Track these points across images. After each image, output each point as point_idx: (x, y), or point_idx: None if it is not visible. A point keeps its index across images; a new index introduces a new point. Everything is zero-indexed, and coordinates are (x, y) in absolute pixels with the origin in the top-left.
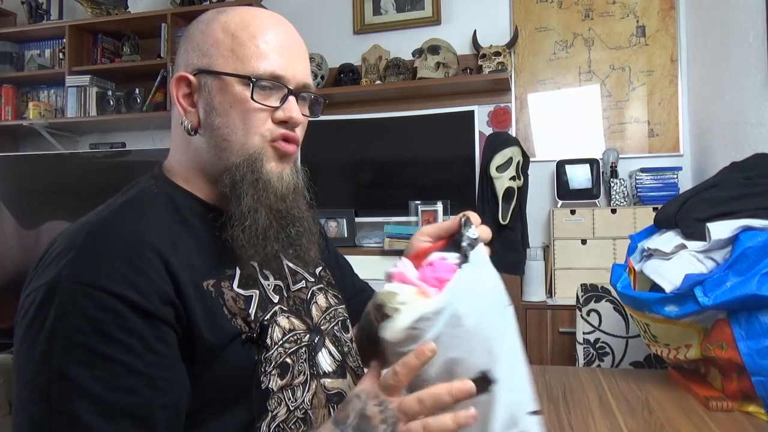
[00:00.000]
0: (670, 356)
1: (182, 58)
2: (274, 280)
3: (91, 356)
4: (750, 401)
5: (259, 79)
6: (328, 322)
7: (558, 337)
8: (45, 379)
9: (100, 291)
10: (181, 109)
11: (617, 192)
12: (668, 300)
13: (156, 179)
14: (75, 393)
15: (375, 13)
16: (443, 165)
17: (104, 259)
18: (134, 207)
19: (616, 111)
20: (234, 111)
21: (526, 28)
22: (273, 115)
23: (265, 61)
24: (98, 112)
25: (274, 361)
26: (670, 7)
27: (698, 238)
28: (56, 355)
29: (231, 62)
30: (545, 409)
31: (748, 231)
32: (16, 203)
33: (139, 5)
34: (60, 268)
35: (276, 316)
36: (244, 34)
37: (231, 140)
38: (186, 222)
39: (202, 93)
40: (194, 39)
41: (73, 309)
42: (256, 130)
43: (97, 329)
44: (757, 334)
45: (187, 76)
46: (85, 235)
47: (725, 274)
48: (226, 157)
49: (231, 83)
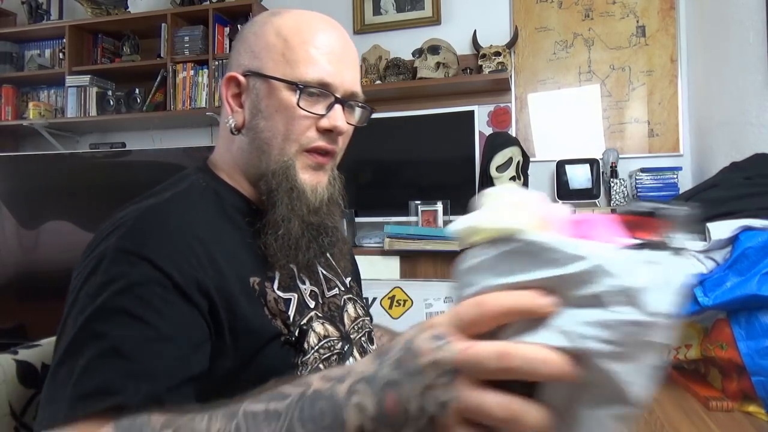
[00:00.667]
0: (670, 356)
1: (234, 58)
2: (310, 285)
3: (127, 318)
4: (750, 401)
5: (307, 86)
6: (357, 332)
7: None
8: (81, 338)
9: (146, 261)
10: (229, 108)
11: (617, 192)
12: None
13: (203, 173)
14: (106, 350)
15: (375, 13)
16: (443, 165)
17: (152, 237)
18: (184, 199)
19: (616, 111)
20: (279, 116)
21: (526, 28)
22: (318, 123)
23: (314, 67)
24: (98, 112)
25: (310, 366)
26: (670, 7)
27: (698, 238)
28: (96, 317)
29: (280, 66)
30: None
31: (748, 231)
32: (16, 203)
33: (139, 5)
34: (109, 241)
35: (312, 322)
36: (296, 38)
37: (271, 144)
38: (231, 219)
39: (250, 94)
40: (247, 40)
41: (118, 274)
42: (297, 137)
43: (137, 294)
44: (757, 334)
45: (237, 76)
46: (137, 217)
47: (725, 274)
48: (265, 161)
49: (279, 87)
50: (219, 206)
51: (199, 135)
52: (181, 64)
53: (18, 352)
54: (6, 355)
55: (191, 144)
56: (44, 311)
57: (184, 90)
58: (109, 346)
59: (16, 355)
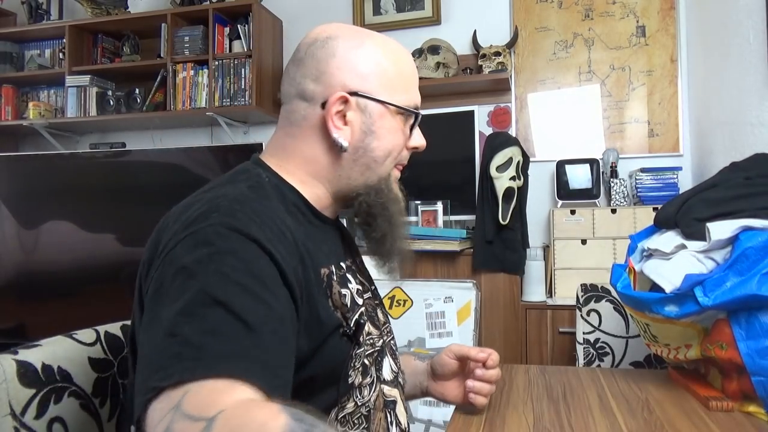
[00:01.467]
0: (670, 356)
1: (334, 75)
2: (356, 284)
3: (243, 292)
4: (750, 401)
5: (415, 112)
6: (386, 335)
7: (558, 337)
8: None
9: (254, 241)
10: (334, 126)
11: (617, 192)
12: (668, 300)
13: (264, 169)
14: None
15: (375, 13)
16: (443, 165)
17: (253, 220)
18: (261, 190)
19: (616, 111)
20: (390, 136)
21: (526, 28)
22: (408, 143)
23: (411, 94)
24: (98, 112)
25: (361, 358)
26: (670, 7)
27: (698, 238)
28: (213, 286)
29: (389, 92)
30: (545, 409)
31: (748, 231)
32: (16, 203)
33: (139, 5)
34: (207, 223)
35: (363, 316)
36: (397, 66)
37: (378, 161)
38: (297, 214)
39: (362, 115)
40: (349, 60)
41: (230, 249)
42: (396, 156)
43: (252, 272)
44: (757, 334)
45: (346, 95)
46: (231, 200)
47: (725, 274)
48: (369, 175)
49: (391, 111)
50: (283, 200)
51: (199, 135)
52: (181, 64)
53: (18, 352)
54: (6, 355)
55: (191, 144)
56: (44, 311)
57: (184, 90)
58: (235, 315)
59: (16, 355)
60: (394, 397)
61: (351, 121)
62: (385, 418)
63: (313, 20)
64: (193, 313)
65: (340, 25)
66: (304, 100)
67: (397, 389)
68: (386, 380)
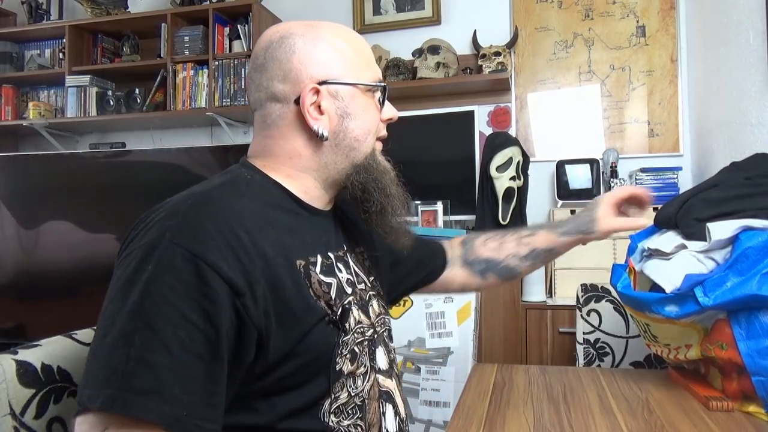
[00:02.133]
0: (670, 356)
1: (300, 70)
2: (346, 274)
3: (177, 316)
4: (750, 401)
5: (382, 86)
6: (381, 326)
7: (558, 337)
8: (131, 327)
9: (198, 258)
10: (311, 118)
11: None
12: (668, 300)
13: (247, 168)
14: (156, 345)
15: (375, 13)
16: (443, 165)
17: (204, 230)
18: (231, 188)
19: (616, 111)
20: (366, 114)
21: (526, 28)
22: (381, 115)
23: (372, 70)
24: (98, 112)
25: (349, 345)
26: (670, 7)
27: (698, 238)
28: (147, 308)
29: (353, 73)
30: (545, 409)
31: (748, 231)
32: (16, 203)
33: (139, 5)
34: (163, 230)
35: (351, 305)
36: (353, 48)
37: (361, 140)
38: (277, 208)
39: (335, 101)
40: (310, 53)
41: (170, 269)
42: (375, 130)
43: (188, 293)
44: (757, 334)
45: (316, 86)
46: (190, 205)
47: (725, 274)
48: (354, 156)
49: (360, 90)
50: (264, 196)
51: (199, 135)
52: (181, 64)
53: (18, 352)
54: (6, 355)
55: (191, 144)
56: (44, 311)
57: (184, 90)
58: (163, 345)
59: (16, 355)
60: (388, 387)
61: (326, 109)
62: (379, 408)
63: (313, 20)
64: (127, 337)
65: (288, 24)
66: (277, 102)
67: (392, 380)
68: (381, 369)
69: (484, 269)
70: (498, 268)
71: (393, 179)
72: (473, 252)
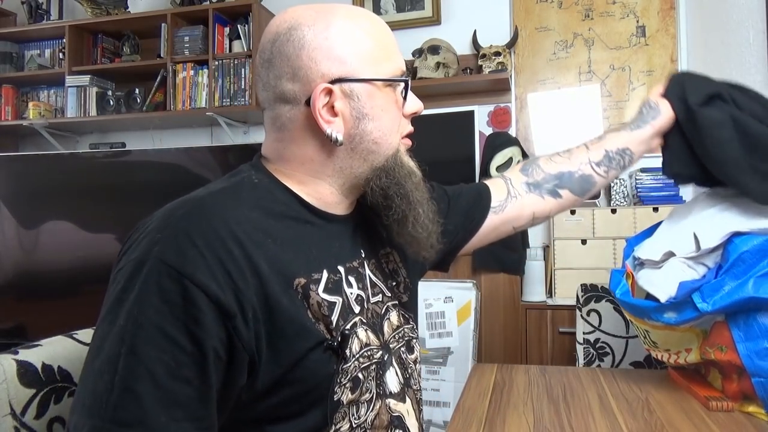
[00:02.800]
0: (671, 360)
1: (309, 67)
2: (357, 289)
3: (162, 340)
4: (750, 401)
5: (404, 80)
6: (397, 341)
7: (558, 337)
8: (116, 352)
9: (185, 278)
10: (324, 121)
11: (617, 192)
12: (667, 307)
13: (257, 171)
14: (140, 372)
15: (375, 12)
16: (443, 165)
17: (194, 246)
18: (231, 196)
19: (616, 111)
20: (385, 114)
21: (526, 28)
22: (404, 109)
23: (395, 60)
24: (98, 112)
25: (350, 373)
26: (670, 7)
27: None
28: (131, 331)
29: (371, 67)
30: (545, 409)
31: (739, 236)
32: (16, 203)
33: (139, 5)
34: (152, 243)
35: (356, 327)
36: (372, 37)
37: (381, 143)
38: (282, 218)
39: (350, 101)
40: (321, 47)
41: (157, 289)
42: (398, 129)
43: (174, 315)
44: (756, 335)
45: (329, 86)
46: (181, 216)
47: (722, 279)
48: (373, 159)
49: (378, 87)
50: (268, 203)
51: (199, 135)
52: (181, 64)
53: (18, 352)
54: (6, 355)
55: (191, 144)
56: (44, 311)
57: (184, 90)
58: (149, 372)
59: (16, 355)
60: (400, 411)
61: (340, 110)
62: None
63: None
64: (111, 361)
65: (297, 9)
66: (286, 103)
67: (405, 402)
68: (392, 393)
69: (557, 185)
70: (573, 180)
71: (417, 183)
72: (540, 171)
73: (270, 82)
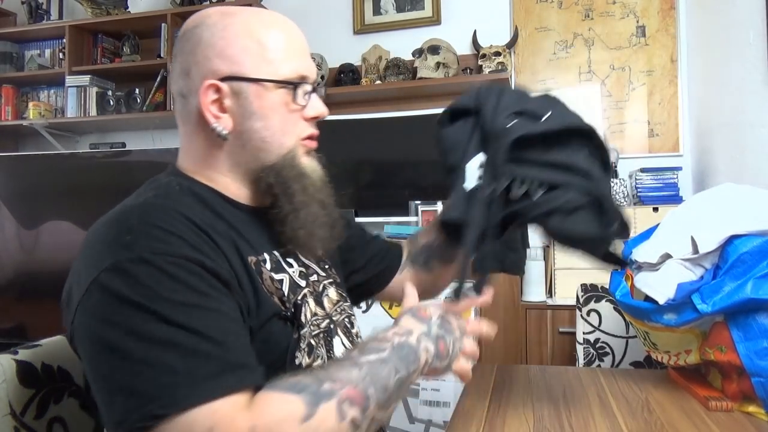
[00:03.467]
0: (671, 362)
1: (201, 64)
2: (298, 267)
3: (198, 310)
4: (750, 401)
5: (297, 82)
6: (339, 314)
7: (558, 337)
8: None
9: (183, 259)
10: (212, 116)
11: (617, 192)
12: (667, 309)
13: (176, 176)
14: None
15: (375, 13)
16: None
17: (171, 234)
18: (166, 197)
19: (616, 111)
20: (274, 114)
21: (526, 28)
22: (303, 113)
23: (293, 63)
24: (98, 112)
25: (306, 338)
26: (670, 7)
27: None
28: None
29: (264, 68)
30: (545, 409)
31: (738, 237)
32: (16, 203)
33: (139, 5)
34: (128, 249)
35: (306, 298)
36: (268, 38)
37: (270, 142)
38: (215, 212)
39: (238, 99)
40: (214, 45)
41: (168, 277)
42: (292, 130)
43: (192, 287)
44: (755, 335)
45: (216, 83)
46: (138, 217)
47: (722, 280)
48: (264, 157)
49: (269, 88)
50: (200, 202)
51: None
52: None
53: (18, 352)
54: (6, 355)
55: None
56: (44, 311)
57: None
58: (199, 334)
59: (16, 355)
60: None
61: (229, 107)
62: None
63: (313, 20)
64: (162, 341)
65: (209, 10)
66: (184, 98)
67: None
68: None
69: (427, 258)
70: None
71: (307, 185)
72: (417, 243)
73: (173, 77)
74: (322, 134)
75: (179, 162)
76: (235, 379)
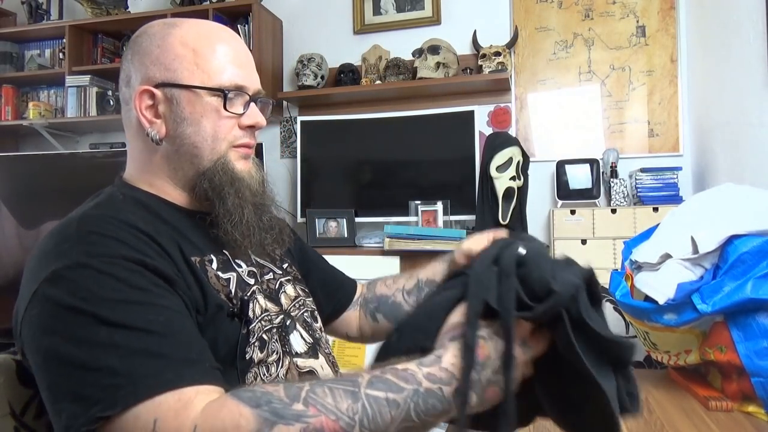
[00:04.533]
0: (671, 362)
1: (138, 71)
2: (247, 267)
3: (140, 306)
4: (750, 401)
5: (229, 90)
6: (298, 309)
7: None
8: (104, 331)
9: (121, 259)
10: (146, 121)
11: (617, 192)
12: (667, 308)
13: (119, 187)
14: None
15: (375, 13)
16: (443, 165)
17: (109, 238)
18: (109, 206)
19: (616, 111)
20: (205, 120)
21: (526, 28)
22: (239, 121)
23: (228, 72)
24: (98, 112)
25: (256, 334)
26: (670, 7)
27: None
28: (108, 312)
29: (197, 75)
30: None
31: (738, 237)
32: (16, 203)
33: (139, 5)
34: (65, 256)
35: (255, 294)
36: (205, 48)
37: (201, 147)
38: (158, 217)
39: (170, 105)
40: (151, 53)
41: (107, 276)
42: (225, 137)
43: (134, 285)
44: (755, 335)
45: (151, 89)
46: (77, 226)
47: (722, 280)
48: (198, 162)
49: (201, 95)
50: (143, 210)
51: None
52: None
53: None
54: (6, 355)
55: None
56: None
57: None
58: (142, 330)
59: (16, 355)
60: (310, 366)
61: (163, 113)
62: None
63: (313, 20)
64: (101, 344)
65: (156, 22)
66: (126, 104)
67: (318, 359)
68: (298, 353)
69: (375, 308)
70: (387, 306)
71: (239, 190)
72: (372, 290)
73: (119, 85)
74: (322, 134)
75: (126, 171)
76: (174, 374)
